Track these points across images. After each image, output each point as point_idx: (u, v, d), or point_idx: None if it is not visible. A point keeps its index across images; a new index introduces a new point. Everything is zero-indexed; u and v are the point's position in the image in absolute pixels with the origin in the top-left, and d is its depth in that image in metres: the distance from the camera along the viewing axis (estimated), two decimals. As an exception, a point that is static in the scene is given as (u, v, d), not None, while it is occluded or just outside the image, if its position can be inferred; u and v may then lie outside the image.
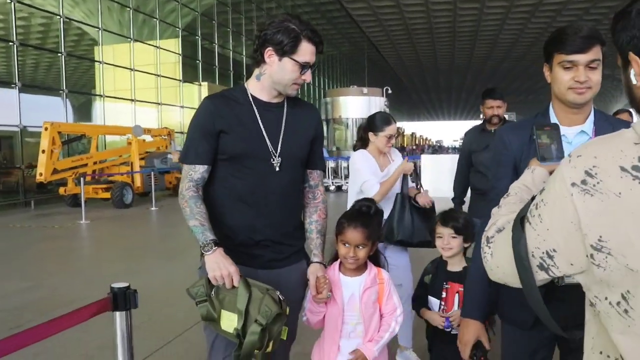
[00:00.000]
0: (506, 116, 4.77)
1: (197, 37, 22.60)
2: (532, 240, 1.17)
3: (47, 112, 15.91)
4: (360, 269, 2.40)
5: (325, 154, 21.23)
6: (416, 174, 3.89)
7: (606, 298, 1.06)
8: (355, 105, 22.83)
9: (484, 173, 4.37)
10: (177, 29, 21.30)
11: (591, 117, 1.94)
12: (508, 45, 38.12)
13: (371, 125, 3.72)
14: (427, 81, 55.12)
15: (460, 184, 4.94)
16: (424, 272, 3.01)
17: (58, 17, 15.57)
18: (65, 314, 1.94)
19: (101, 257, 8.07)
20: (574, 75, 1.81)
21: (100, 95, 17.42)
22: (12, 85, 13.70)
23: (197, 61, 22.55)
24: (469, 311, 2.06)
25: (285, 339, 2.06)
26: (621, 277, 1.02)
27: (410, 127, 64.40)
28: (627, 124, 1.64)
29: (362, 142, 3.82)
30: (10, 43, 13.72)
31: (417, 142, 60.04)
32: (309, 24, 2.14)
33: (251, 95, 2.22)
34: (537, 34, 34.80)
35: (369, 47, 38.96)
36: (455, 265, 2.88)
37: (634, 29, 1.08)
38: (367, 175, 3.65)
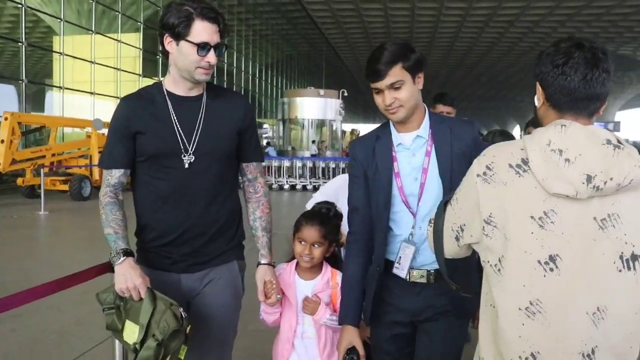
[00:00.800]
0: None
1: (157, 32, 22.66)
2: (451, 217, 1.58)
3: (3, 101, 15.87)
4: (316, 270, 2.42)
5: (273, 153, 21.69)
6: None
7: (489, 261, 1.45)
8: (311, 106, 23.41)
9: None
10: (138, 23, 21.37)
11: (426, 122, 2.07)
12: (463, 52, 39.28)
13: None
14: None
15: None
16: None
17: (20, 5, 15.53)
18: (68, 275, 2.14)
19: (65, 246, 8.37)
20: (382, 99, 1.98)
21: (60, 87, 17.39)
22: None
23: (157, 56, 22.68)
24: (343, 317, 2.13)
25: (182, 358, 1.94)
26: (500, 245, 1.40)
27: (365, 128, 65.49)
28: (464, 122, 2.13)
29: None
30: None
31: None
32: (205, 1, 2.04)
33: (166, 90, 2.13)
34: (491, 43, 36.07)
35: (327, 49, 39.47)
36: None
37: (542, 66, 1.48)
38: (319, 195, 3.65)
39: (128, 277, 1.94)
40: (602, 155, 1.33)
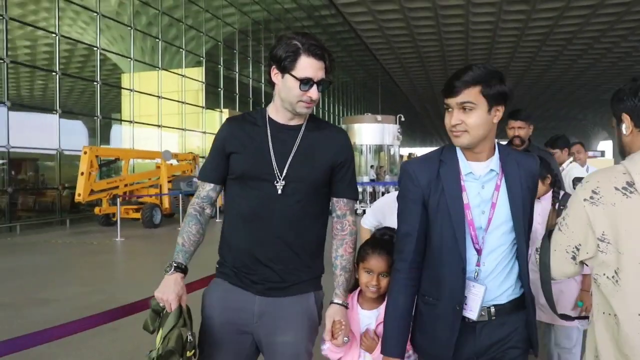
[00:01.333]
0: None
1: (219, 66, 23.74)
2: (563, 241, 1.72)
3: (81, 136, 17.00)
4: (378, 299, 2.36)
5: None
6: None
7: (604, 274, 1.61)
8: (369, 132, 23.73)
9: None
10: (200, 57, 22.44)
11: (496, 155, 1.96)
12: (519, 72, 38.94)
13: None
14: (439, 107, 56.01)
15: None
16: None
17: (95, 48, 16.71)
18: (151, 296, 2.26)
19: (142, 269, 8.94)
20: (450, 118, 1.89)
21: (130, 121, 18.45)
22: (53, 112, 14.75)
23: (219, 89, 23.63)
24: (389, 348, 2.01)
25: None
26: (614, 259, 1.57)
27: (422, 152, 65.24)
28: (529, 156, 2.05)
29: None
30: (53, 73, 14.84)
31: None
32: (314, 37, 2.08)
33: (268, 117, 2.20)
34: (549, 62, 35.62)
35: (383, 74, 39.97)
36: None
37: (627, 101, 1.67)
38: (371, 214, 3.73)
39: (166, 289, 2.04)
40: None
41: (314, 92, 2.07)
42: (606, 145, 63.03)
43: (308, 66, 2.03)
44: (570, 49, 32.45)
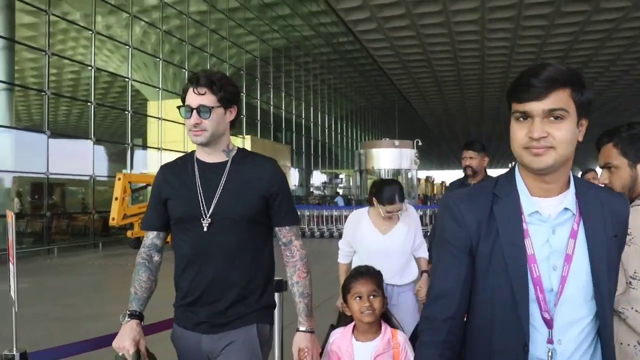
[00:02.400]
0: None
1: (241, 93, 24.55)
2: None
3: (111, 162, 17.86)
4: (375, 330, 2.36)
5: (341, 203, 22.59)
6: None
7: (632, 308, 1.76)
8: (387, 156, 24.35)
9: None
10: None
11: (572, 189, 1.46)
12: None
13: (377, 194, 3.63)
14: (456, 130, 56.47)
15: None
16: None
17: (127, 79, 17.68)
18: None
19: (172, 288, 9.57)
20: (528, 130, 1.37)
21: (158, 148, 19.29)
22: (89, 139, 15.65)
23: (242, 115, 24.43)
24: None
25: None
26: None
27: (439, 175, 65.76)
28: (615, 195, 1.55)
29: (371, 202, 3.76)
30: (89, 103, 15.80)
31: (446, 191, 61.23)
32: (211, 72, 2.20)
33: (196, 158, 2.27)
34: None
35: (399, 99, 40.62)
36: None
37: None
38: (342, 241, 3.82)
39: (122, 337, 2.09)
40: None
41: (194, 119, 2.14)
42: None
43: (190, 95, 2.15)
44: (587, 72, 32.85)
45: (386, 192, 3.54)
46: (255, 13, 25.19)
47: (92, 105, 15.70)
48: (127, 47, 17.65)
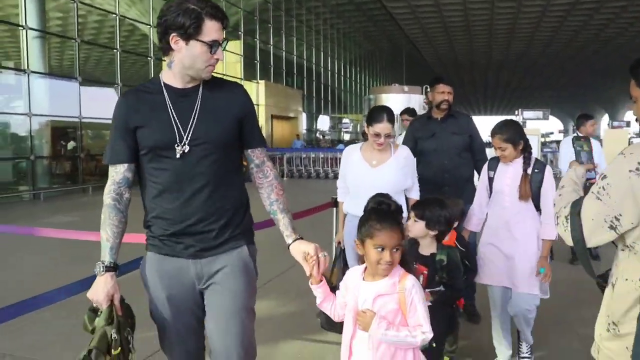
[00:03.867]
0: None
1: (255, 40, 25.23)
2: (602, 210, 1.72)
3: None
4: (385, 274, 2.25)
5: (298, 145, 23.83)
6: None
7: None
8: (396, 101, 25.03)
9: (429, 160, 4.53)
10: (239, 32, 23.89)
11: None
12: (544, 42, 39.32)
13: (368, 117, 3.73)
14: (463, 78, 56.45)
15: None
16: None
17: (149, 26, 18.36)
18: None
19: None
20: None
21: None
22: (115, 85, 16.52)
23: (256, 61, 25.11)
24: None
25: None
26: None
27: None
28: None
29: (365, 136, 3.92)
30: (114, 50, 16.60)
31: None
32: (208, 0, 2.10)
33: (164, 84, 2.19)
34: (574, 31, 36.15)
35: (407, 44, 40.79)
36: (425, 249, 3.15)
37: None
38: (340, 179, 3.94)
39: (96, 290, 2.09)
40: None
41: (219, 54, 2.14)
42: (631, 116, 62.66)
43: (213, 29, 2.08)
44: (597, 17, 32.67)
45: (375, 111, 3.67)
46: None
47: (118, 52, 16.50)
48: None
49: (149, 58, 18.57)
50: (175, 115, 2.15)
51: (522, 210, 3.47)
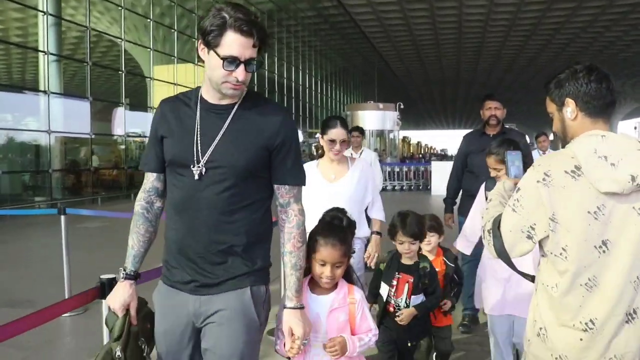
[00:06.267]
0: (507, 125, 5.12)
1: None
2: (517, 221, 1.90)
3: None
4: (331, 286, 2.32)
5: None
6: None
7: (552, 252, 1.87)
8: (371, 118, 26.88)
9: (477, 175, 4.60)
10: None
11: None
12: (510, 59, 41.35)
13: (321, 127, 3.67)
14: (433, 93, 57.94)
15: (453, 185, 5.27)
16: (379, 260, 3.43)
17: (120, 40, 19.69)
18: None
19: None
20: None
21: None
22: (120, 104, 18.40)
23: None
24: None
25: None
26: (563, 236, 1.83)
27: (416, 135, 69.05)
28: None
29: (321, 151, 3.79)
30: (120, 72, 18.48)
31: (422, 151, 64.96)
32: (246, 11, 1.93)
33: (200, 96, 2.09)
34: (538, 50, 38.66)
35: (379, 61, 42.37)
36: (407, 260, 3.28)
37: (571, 86, 1.93)
38: None
39: (115, 297, 2.11)
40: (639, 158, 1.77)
41: (240, 73, 1.95)
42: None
43: (234, 43, 1.91)
44: (559, 37, 34.72)
45: (327, 120, 3.70)
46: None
47: (123, 74, 18.43)
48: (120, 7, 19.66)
49: (147, 79, 20.47)
50: (199, 132, 2.05)
51: None
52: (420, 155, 48.00)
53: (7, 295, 6.48)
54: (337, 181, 3.71)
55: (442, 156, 50.25)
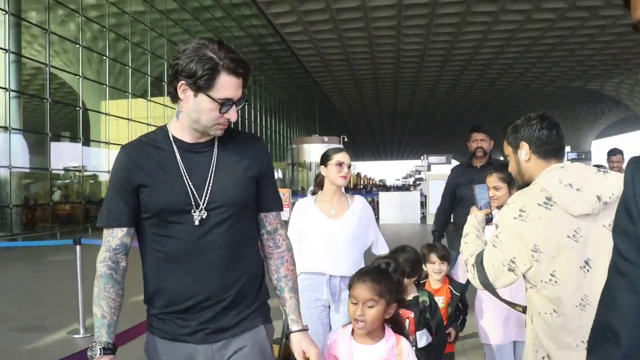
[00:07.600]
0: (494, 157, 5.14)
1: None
2: (499, 256, 2.03)
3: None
4: (376, 335, 2.26)
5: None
6: None
7: (542, 280, 1.96)
8: (317, 151, 28.09)
9: (468, 208, 4.18)
10: (163, 83, 25.61)
11: None
12: (445, 92, 43.47)
13: (322, 158, 3.63)
14: (372, 125, 59.50)
15: (442, 217, 5.30)
16: None
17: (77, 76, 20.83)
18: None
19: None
20: None
21: (107, 142, 21.88)
22: (77, 140, 18.97)
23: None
24: None
25: None
26: (550, 263, 1.94)
27: (360, 166, 70.72)
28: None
29: (319, 186, 3.75)
30: (77, 108, 19.05)
31: (362, 182, 66.74)
32: (231, 49, 1.86)
33: (172, 137, 1.98)
34: (470, 83, 41.19)
35: (320, 95, 43.77)
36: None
37: (524, 132, 2.11)
38: (289, 231, 3.49)
39: None
40: (600, 180, 1.96)
41: (233, 114, 1.92)
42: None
43: (228, 85, 1.86)
44: (489, 72, 37.00)
45: (330, 149, 3.71)
46: (191, 14, 27.81)
47: (80, 110, 19.06)
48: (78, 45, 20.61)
49: (106, 115, 20.95)
50: (187, 176, 1.95)
51: None
52: (362, 187, 49.38)
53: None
54: (339, 218, 3.63)
55: (383, 186, 51.83)
